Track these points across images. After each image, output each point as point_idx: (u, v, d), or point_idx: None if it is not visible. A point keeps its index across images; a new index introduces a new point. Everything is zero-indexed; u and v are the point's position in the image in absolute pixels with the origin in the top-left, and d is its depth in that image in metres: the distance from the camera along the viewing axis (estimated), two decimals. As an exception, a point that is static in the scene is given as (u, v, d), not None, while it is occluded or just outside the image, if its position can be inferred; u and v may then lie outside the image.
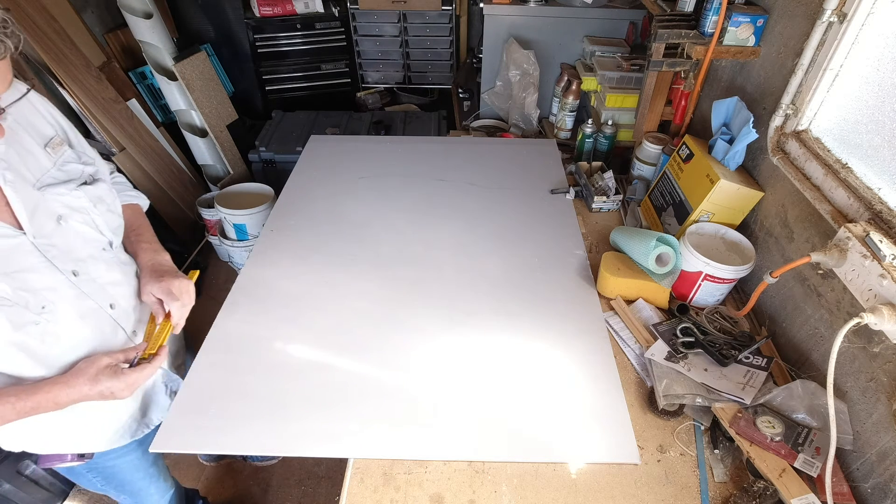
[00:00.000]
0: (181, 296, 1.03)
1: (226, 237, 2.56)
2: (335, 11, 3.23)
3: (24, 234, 0.82)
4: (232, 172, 2.93)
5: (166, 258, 1.09)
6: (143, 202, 1.21)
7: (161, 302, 1.03)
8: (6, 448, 1.00)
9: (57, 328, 0.87)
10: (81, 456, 1.06)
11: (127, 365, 0.93)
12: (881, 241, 0.83)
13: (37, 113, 0.90)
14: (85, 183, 0.93)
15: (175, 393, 1.16)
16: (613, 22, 2.13)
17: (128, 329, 1.02)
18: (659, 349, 1.15)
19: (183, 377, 1.15)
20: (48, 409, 0.85)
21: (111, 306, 0.97)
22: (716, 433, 1.04)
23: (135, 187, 1.24)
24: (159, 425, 1.11)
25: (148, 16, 2.50)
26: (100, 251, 0.95)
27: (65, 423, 0.99)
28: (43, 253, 0.84)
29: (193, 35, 3.13)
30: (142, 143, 2.55)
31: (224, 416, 1.05)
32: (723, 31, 1.29)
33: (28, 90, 0.80)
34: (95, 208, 0.93)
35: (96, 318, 0.94)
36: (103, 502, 1.84)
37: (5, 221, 0.80)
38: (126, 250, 1.09)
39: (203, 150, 2.86)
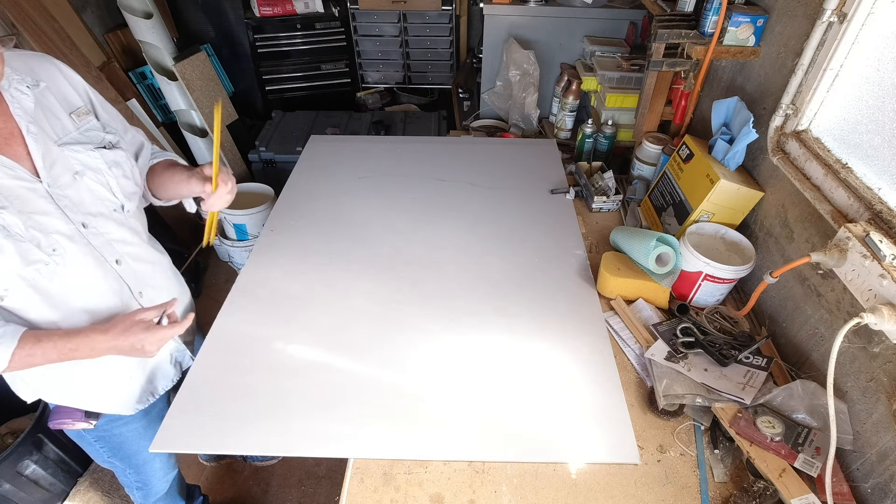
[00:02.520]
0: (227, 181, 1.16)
1: (226, 237, 2.56)
2: (335, 11, 3.23)
3: (41, 181, 0.90)
4: (232, 172, 2.93)
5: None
6: (181, 161, 1.29)
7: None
8: (22, 397, 1.06)
9: (66, 271, 0.93)
10: (89, 416, 1.11)
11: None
12: (881, 241, 0.83)
13: (69, 85, 1.00)
14: (104, 147, 1.01)
15: (180, 364, 1.23)
16: (613, 22, 2.13)
17: (133, 288, 1.06)
18: (659, 349, 1.15)
19: (193, 355, 1.22)
20: (85, 354, 0.93)
21: (117, 262, 1.02)
22: (716, 433, 1.04)
23: None
24: (163, 395, 1.23)
25: (148, 16, 2.50)
26: (111, 211, 1.02)
27: (77, 378, 1.06)
28: (56, 201, 0.91)
29: (193, 35, 3.13)
30: (142, 143, 2.55)
31: (224, 416, 1.05)
32: (723, 31, 1.29)
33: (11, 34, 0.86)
34: (110, 171, 1.01)
35: (103, 271, 1.00)
36: (102, 503, 1.85)
37: (26, 168, 0.89)
38: (158, 196, 1.21)
39: (203, 150, 2.86)
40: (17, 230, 0.85)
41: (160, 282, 1.16)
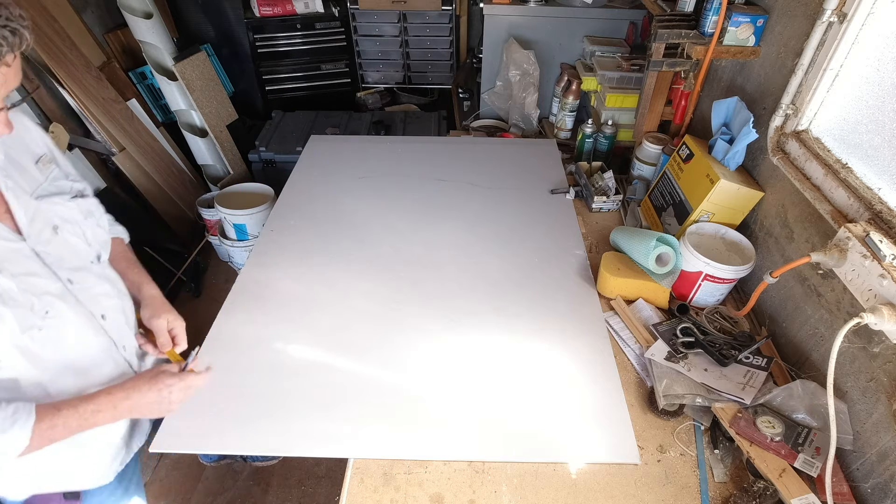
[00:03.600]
0: (172, 337, 1.06)
1: (226, 237, 2.56)
2: (335, 11, 3.23)
3: (24, 239, 0.83)
4: (232, 172, 2.93)
5: (154, 292, 1.10)
6: (126, 236, 1.20)
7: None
8: None
9: (57, 334, 0.87)
10: (68, 497, 1.00)
11: None
12: (881, 241, 0.83)
13: (28, 132, 0.94)
14: (78, 197, 0.96)
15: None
16: (613, 22, 2.13)
17: (118, 341, 1.00)
18: (659, 349, 1.15)
19: None
20: (107, 416, 0.86)
21: (103, 317, 0.96)
22: (716, 433, 1.04)
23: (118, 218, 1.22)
24: (135, 456, 1.13)
25: (148, 16, 2.50)
26: (88, 263, 0.95)
27: (53, 459, 0.94)
28: (42, 259, 0.85)
29: (193, 35, 3.13)
30: (142, 143, 2.55)
31: (224, 416, 1.05)
32: (723, 31, 1.29)
33: (28, 95, 0.81)
34: (86, 221, 0.96)
35: (92, 328, 0.93)
36: None
37: (7, 225, 0.82)
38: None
39: (203, 150, 2.86)
40: (13, 295, 0.78)
41: (135, 329, 1.09)
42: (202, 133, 2.81)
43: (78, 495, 1.02)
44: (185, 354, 1.06)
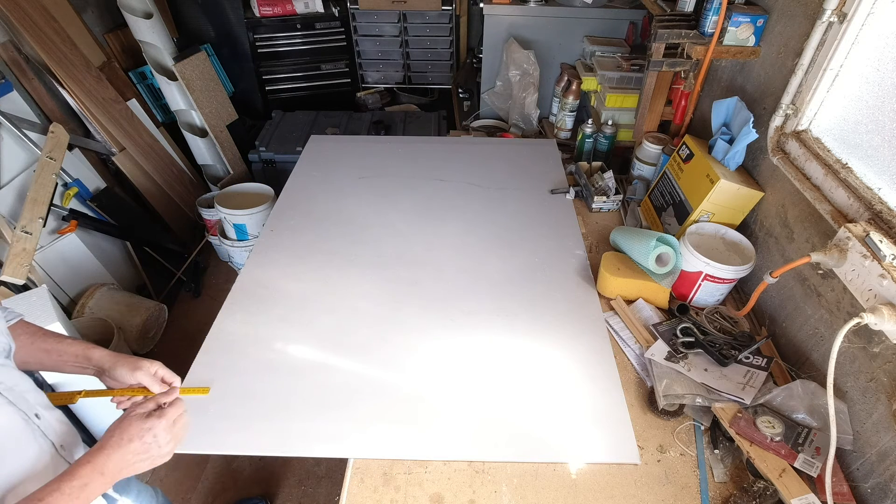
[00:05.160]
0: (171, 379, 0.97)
1: (226, 237, 2.56)
2: (335, 11, 3.23)
3: None
4: (232, 172, 2.93)
5: (105, 350, 0.97)
6: (21, 315, 1.01)
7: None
8: None
9: None
10: None
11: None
12: (881, 241, 0.83)
13: None
14: None
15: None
16: (613, 22, 2.13)
17: (56, 441, 0.87)
18: (659, 349, 1.15)
19: None
20: (96, 486, 0.75)
21: (37, 416, 0.85)
22: (716, 433, 1.04)
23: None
24: None
25: (148, 16, 2.51)
26: (4, 359, 0.84)
27: None
28: None
29: (193, 35, 3.13)
30: (142, 143, 2.55)
31: (224, 416, 1.05)
32: (723, 31, 1.29)
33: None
34: None
35: (31, 430, 0.82)
36: None
37: None
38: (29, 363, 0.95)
39: (203, 150, 2.86)
40: None
41: (67, 424, 0.93)
42: (202, 133, 2.81)
43: None
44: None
